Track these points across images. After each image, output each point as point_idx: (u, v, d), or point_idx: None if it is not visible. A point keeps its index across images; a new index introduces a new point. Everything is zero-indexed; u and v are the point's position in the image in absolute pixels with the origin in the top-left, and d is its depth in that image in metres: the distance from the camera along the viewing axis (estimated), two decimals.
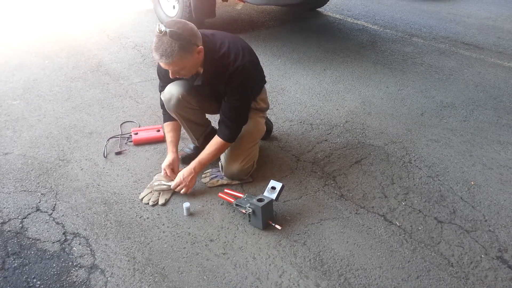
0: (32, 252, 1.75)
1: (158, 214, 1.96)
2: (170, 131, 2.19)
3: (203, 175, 2.22)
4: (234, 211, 1.97)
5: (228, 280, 1.63)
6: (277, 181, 1.98)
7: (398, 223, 1.93)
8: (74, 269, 1.67)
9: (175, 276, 1.65)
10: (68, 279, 1.63)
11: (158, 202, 2.02)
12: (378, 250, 1.79)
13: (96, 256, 1.73)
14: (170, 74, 1.88)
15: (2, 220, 1.92)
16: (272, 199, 1.89)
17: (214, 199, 2.06)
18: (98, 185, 2.16)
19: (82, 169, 2.28)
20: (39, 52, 3.91)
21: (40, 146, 2.48)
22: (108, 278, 1.63)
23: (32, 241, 1.81)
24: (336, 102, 3.08)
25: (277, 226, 1.86)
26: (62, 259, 1.71)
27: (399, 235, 1.87)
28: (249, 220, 1.89)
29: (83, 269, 1.67)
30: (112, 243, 1.80)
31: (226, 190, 2.05)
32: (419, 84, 3.41)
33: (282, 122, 2.78)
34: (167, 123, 2.20)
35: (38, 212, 1.97)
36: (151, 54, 1.86)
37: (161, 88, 2.18)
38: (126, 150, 2.45)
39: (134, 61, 3.72)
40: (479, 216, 1.98)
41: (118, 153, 2.41)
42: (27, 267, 1.68)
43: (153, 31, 4.41)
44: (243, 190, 2.13)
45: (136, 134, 2.52)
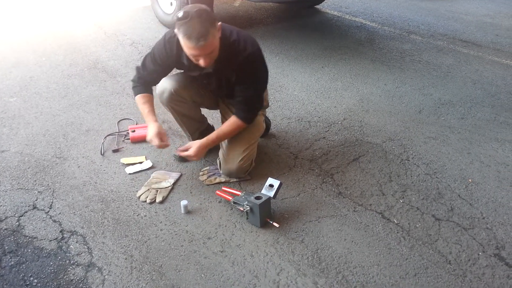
0: (29, 250, 1.74)
1: (156, 212, 1.96)
2: (144, 103, 2.08)
3: (200, 172, 2.21)
4: (232, 209, 1.97)
5: (225, 278, 1.63)
6: (275, 178, 1.98)
7: (396, 221, 1.93)
8: (71, 267, 1.66)
9: (172, 274, 1.65)
10: (65, 277, 1.62)
11: (155, 200, 2.02)
12: (376, 247, 1.79)
13: (93, 254, 1.72)
14: (203, 62, 1.77)
15: None
16: (270, 197, 1.89)
17: (211, 197, 2.05)
18: (95, 182, 2.15)
19: (79, 166, 2.27)
20: (36, 49, 3.88)
21: (37, 144, 2.47)
22: (106, 276, 1.63)
23: (29, 239, 1.80)
24: (334, 99, 3.07)
25: (275, 224, 1.86)
26: (59, 257, 1.71)
27: (397, 232, 1.87)
28: (247, 218, 1.88)
29: (80, 267, 1.66)
30: (109, 241, 1.79)
31: (224, 188, 2.05)
32: (417, 81, 3.40)
33: (280, 120, 2.77)
34: (140, 95, 2.09)
35: (35, 210, 1.96)
36: (183, 44, 1.72)
37: (139, 75, 2.09)
38: (123, 147, 2.44)
39: (131, 58, 3.71)
40: (476, 214, 1.99)
41: (115, 150, 2.40)
42: (24, 265, 1.67)
43: (150, 28, 4.42)
44: (241, 188, 2.12)
45: (133, 131, 2.52)
